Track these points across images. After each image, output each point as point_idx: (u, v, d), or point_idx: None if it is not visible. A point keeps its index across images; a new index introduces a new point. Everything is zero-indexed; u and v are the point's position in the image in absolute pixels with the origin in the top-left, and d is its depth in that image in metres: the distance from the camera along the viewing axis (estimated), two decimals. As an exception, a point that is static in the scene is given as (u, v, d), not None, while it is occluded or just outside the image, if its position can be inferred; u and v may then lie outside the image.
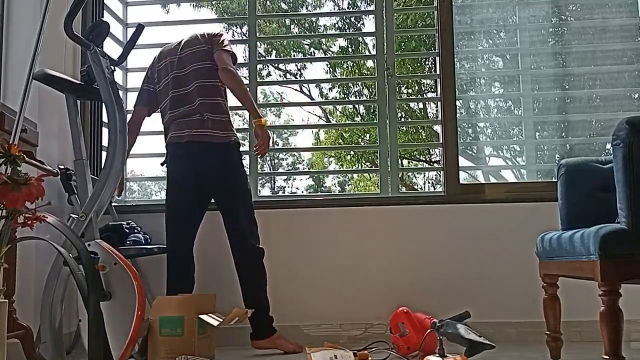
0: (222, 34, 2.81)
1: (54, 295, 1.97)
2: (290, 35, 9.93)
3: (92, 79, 2.15)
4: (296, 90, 10.09)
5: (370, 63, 7.99)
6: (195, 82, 2.70)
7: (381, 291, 2.99)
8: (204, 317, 2.40)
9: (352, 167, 8.93)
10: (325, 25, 9.50)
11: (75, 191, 2.63)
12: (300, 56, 9.90)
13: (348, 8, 9.86)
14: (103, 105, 2.49)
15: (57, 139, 2.77)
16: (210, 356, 2.46)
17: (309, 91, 9.96)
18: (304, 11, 9.65)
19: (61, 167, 2.68)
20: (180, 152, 2.69)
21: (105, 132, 3.12)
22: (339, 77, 9.71)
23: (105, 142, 3.09)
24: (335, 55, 9.65)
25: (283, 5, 9.26)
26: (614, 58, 3.47)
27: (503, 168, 8.33)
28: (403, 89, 8.65)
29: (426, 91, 8.79)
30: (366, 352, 2.36)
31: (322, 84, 10.03)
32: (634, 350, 2.58)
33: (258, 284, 2.68)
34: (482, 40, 3.97)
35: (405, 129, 8.15)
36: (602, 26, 3.51)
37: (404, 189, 7.26)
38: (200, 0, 7.26)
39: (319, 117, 9.94)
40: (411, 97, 9.00)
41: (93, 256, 1.80)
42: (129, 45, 2.38)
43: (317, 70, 11.16)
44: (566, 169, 2.37)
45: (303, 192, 9.94)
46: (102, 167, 2.14)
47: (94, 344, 1.43)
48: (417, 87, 8.89)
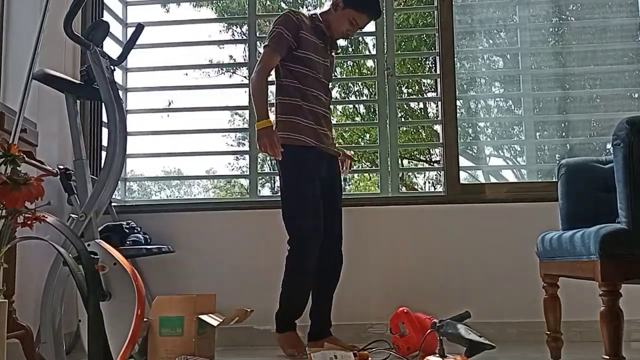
0: (278, 20, 2.64)
1: (54, 295, 1.96)
2: (290, 35, 9.92)
3: (92, 79, 2.14)
4: (296, 90, 10.08)
5: (370, 63, 7.98)
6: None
7: (381, 291, 2.99)
8: (204, 317, 2.40)
9: (352, 167, 8.93)
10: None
11: (75, 191, 2.63)
12: (300, 56, 9.88)
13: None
14: (103, 105, 2.49)
15: (57, 139, 2.77)
16: (210, 356, 2.46)
17: (309, 91, 9.95)
18: (304, 11, 9.65)
19: (61, 167, 2.68)
20: None
21: (105, 132, 3.13)
22: (339, 77, 9.71)
23: (104, 142, 3.10)
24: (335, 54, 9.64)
25: (283, 4, 9.25)
26: (615, 58, 3.47)
27: (503, 168, 8.32)
28: (403, 89, 8.64)
29: (426, 91, 8.78)
30: (366, 352, 2.36)
31: (322, 84, 10.01)
32: (634, 350, 2.58)
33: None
34: (483, 39, 3.96)
35: (405, 129, 8.14)
36: (603, 26, 3.51)
37: (404, 189, 7.25)
38: None
39: (319, 117, 9.93)
40: (411, 97, 8.99)
41: (93, 256, 1.79)
42: (129, 45, 2.37)
43: (317, 70, 11.13)
44: (566, 169, 2.36)
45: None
46: (102, 167, 2.13)
47: (94, 344, 1.43)
48: (418, 87, 8.88)
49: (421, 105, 9.03)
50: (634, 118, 1.80)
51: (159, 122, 4.28)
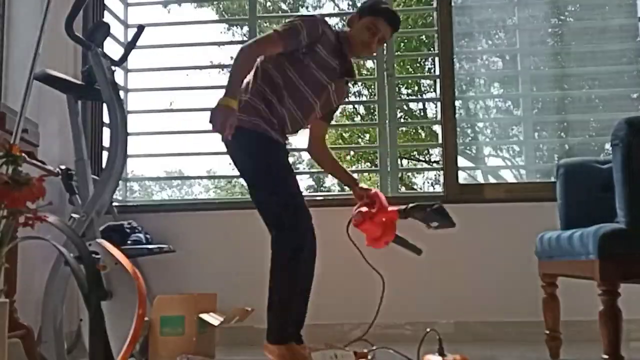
0: (306, 18, 2.45)
1: (55, 295, 1.97)
2: (290, 35, 9.92)
3: (93, 80, 2.15)
4: (296, 90, 10.09)
5: (370, 63, 7.99)
6: None
7: (381, 291, 2.99)
8: (205, 317, 2.41)
9: (352, 167, 8.93)
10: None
11: (76, 191, 2.64)
12: (300, 56, 9.90)
13: (348, 8, 9.86)
14: (104, 105, 2.49)
15: (58, 139, 2.78)
16: (210, 355, 2.47)
17: (309, 91, 9.97)
18: (304, 12, 9.65)
19: (62, 167, 2.68)
20: None
21: (106, 133, 3.14)
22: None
23: (106, 142, 3.11)
24: (335, 55, 9.64)
25: (283, 6, 9.26)
26: (613, 58, 3.47)
27: (502, 168, 8.33)
28: (402, 90, 8.65)
29: (425, 91, 8.79)
30: (366, 352, 2.37)
31: (322, 84, 10.02)
32: (633, 349, 2.58)
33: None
34: (482, 40, 3.98)
35: (404, 129, 8.14)
36: (601, 26, 3.52)
37: (404, 189, 7.26)
38: (201, 0, 7.26)
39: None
40: (411, 98, 9.00)
41: (94, 256, 1.80)
42: (130, 45, 2.38)
43: (317, 70, 11.14)
44: (565, 169, 2.37)
45: (303, 192, 9.94)
46: (103, 167, 2.14)
47: (95, 344, 1.44)
48: (417, 88, 8.89)
49: (420, 105, 9.04)
50: (633, 118, 1.80)
51: (160, 123, 4.28)
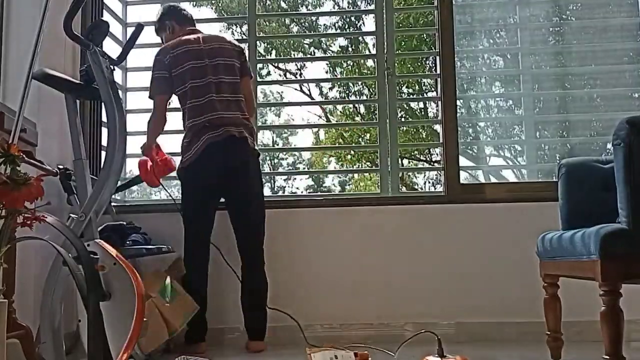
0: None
1: (54, 295, 1.96)
2: (290, 34, 9.92)
3: (92, 79, 2.14)
4: (296, 89, 10.09)
5: (370, 62, 7.98)
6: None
7: (381, 291, 2.99)
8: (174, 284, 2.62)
9: (352, 167, 8.93)
10: (325, 24, 9.48)
11: (74, 191, 2.63)
12: (300, 55, 9.89)
13: (348, 7, 9.85)
14: (102, 105, 2.48)
15: (57, 139, 2.77)
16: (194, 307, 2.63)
17: (309, 90, 9.95)
18: (304, 10, 9.64)
19: (60, 167, 2.67)
20: None
21: (104, 132, 3.13)
22: (339, 77, 9.71)
23: (104, 142, 3.10)
24: (335, 54, 9.64)
25: (283, 4, 9.25)
26: (615, 57, 3.46)
27: (503, 168, 8.33)
28: (403, 89, 8.64)
29: (426, 90, 8.78)
30: (366, 352, 2.36)
31: (322, 84, 10.02)
32: (635, 350, 2.58)
33: None
34: (483, 39, 3.96)
35: (405, 129, 8.14)
36: (603, 25, 3.51)
37: (404, 189, 7.25)
38: (200, -1, 7.25)
39: (319, 117, 9.93)
40: (411, 97, 8.99)
41: (92, 256, 1.79)
42: (129, 44, 2.37)
43: (317, 69, 11.16)
44: (567, 169, 2.36)
45: (303, 192, 9.94)
46: (102, 167, 2.13)
47: (94, 344, 1.43)
48: (418, 87, 8.88)
49: (421, 105, 9.03)
50: (634, 118, 1.79)
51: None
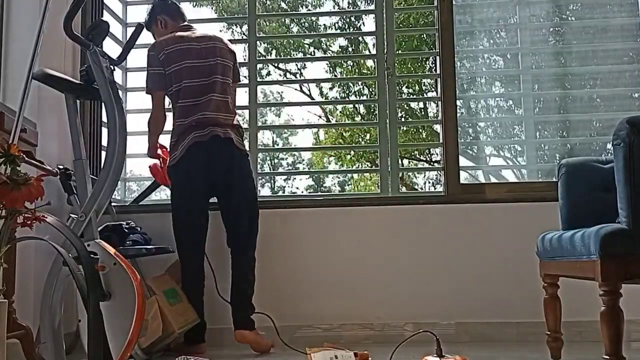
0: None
1: (54, 295, 1.96)
2: (290, 34, 9.92)
3: (92, 79, 2.14)
4: (296, 89, 10.09)
5: (370, 62, 7.98)
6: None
7: (381, 291, 2.99)
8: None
9: (352, 167, 8.93)
10: (325, 24, 9.48)
11: (74, 191, 2.63)
12: (300, 56, 9.89)
13: (348, 7, 9.84)
14: (103, 105, 2.48)
15: (57, 139, 2.77)
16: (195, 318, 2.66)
17: (309, 91, 9.95)
18: (304, 10, 9.64)
19: (60, 167, 2.67)
20: None
21: (104, 132, 3.13)
22: (339, 77, 9.71)
23: (104, 142, 3.10)
24: (335, 54, 9.64)
25: (283, 4, 9.24)
26: (615, 57, 3.46)
27: (503, 168, 8.32)
28: (403, 89, 8.64)
29: (426, 91, 8.78)
30: (366, 352, 2.36)
31: (322, 84, 10.02)
32: (635, 350, 2.58)
33: None
34: (483, 39, 3.96)
35: (405, 129, 8.14)
36: (603, 26, 3.51)
37: (404, 189, 7.25)
38: (200, -1, 7.25)
39: (319, 117, 9.93)
40: (411, 97, 8.99)
41: (92, 256, 1.79)
42: (129, 44, 2.37)
43: (317, 69, 11.17)
44: (567, 169, 2.36)
45: (303, 192, 9.94)
46: (102, 167, 2.13)
47: (94, 344, 1.43)
48: (418, 87, 8.88)
49: (421, 105, 9.03)
50: (634, 118, 1.79)
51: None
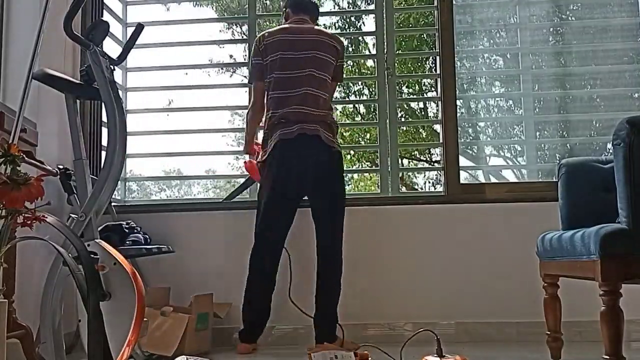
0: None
1: (54, 295, 1.96)
2: (290, 34, 9.91)
3: (92, 79, 2.14)
4: (296, 89, 10.07)
5: (370, 62, 7.98)
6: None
7: (381, 291, 2.99)
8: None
9: (352, 167, 8.92)
10: (325, 24, 9.47)
11: (74, 191, 2.63)
12: (300, 55, 9.87)
13: (348, 7, 9.84)
14: (103, 105, 2.48)
15: (57, 139, 2.77)
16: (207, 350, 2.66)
17: (309, 90, 9.95)
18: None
19: (60, 167, 2.67)
20: None
21: (104, 132, 3.13)
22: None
23: (104, 142, 3.09)
24: (335, 54, 9.63)
25: (283, 4, 9.25)
26: (615, 57, 3.46)
27: (504, 168, 8.30)
28: (403, 89, 8.63)
29: (426, 90, 8.77)
30: (366, 353, 2.36)
31: (322, 84, 10.00)
32: (635, 350, 2.58)
33: None
34: (483, 39, 3.96)
35: (405, 129, 8.13)
36: (603, 26, 3.51)
37: (404, 189, 7.24)
38: (200, -1, 7.25)
39: (319, 117, 9.93)
40: (411, 97, 8.98)
41: (92, 256, 1.79)
42: (129, 44, 2.37)
43: (317, 69, 11.11)
44: (567, 169, 2.36)
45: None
46: (102, 167, 2.13)
47: (94, 344, 1.43)
48: (418, 87, 8.87)
49: (421, 105, 9.02)
50: (634, 118, 1.79)
51: (159, 122, 4.28)
